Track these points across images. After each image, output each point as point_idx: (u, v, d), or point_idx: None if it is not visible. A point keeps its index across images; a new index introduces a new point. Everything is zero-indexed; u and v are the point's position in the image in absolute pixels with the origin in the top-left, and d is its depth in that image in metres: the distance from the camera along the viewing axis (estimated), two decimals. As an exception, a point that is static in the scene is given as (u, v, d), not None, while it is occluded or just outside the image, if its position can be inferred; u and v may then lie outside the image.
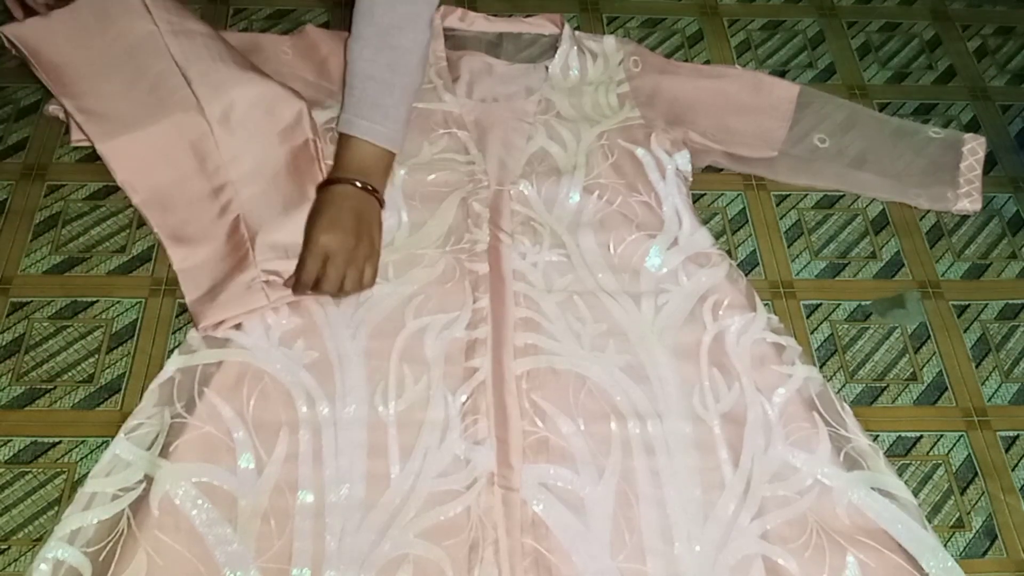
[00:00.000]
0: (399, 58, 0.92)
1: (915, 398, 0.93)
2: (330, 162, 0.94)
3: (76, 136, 0.99)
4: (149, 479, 0.77)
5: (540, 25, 1.13)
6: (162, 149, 0.93)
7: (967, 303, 1.00)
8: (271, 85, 0.97)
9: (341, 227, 0.87)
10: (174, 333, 0.91)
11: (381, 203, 0.92)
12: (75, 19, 0.99)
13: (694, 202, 1.04)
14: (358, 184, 0.89)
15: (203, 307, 0.87)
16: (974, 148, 1.09)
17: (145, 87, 0.96)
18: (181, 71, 0.95)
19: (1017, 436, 0.91)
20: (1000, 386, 0.94)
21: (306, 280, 0.86)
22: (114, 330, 0.91)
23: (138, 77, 0.97)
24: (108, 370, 0.88)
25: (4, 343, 0.89)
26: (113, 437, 0.80)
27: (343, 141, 0.91)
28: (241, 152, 0.94)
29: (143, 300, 0.93)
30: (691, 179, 1.04)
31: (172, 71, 0.96)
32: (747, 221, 1.05)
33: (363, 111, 0.90)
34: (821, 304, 0.99)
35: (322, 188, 0.90)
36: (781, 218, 1.05)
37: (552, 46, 1.11)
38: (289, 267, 0.88)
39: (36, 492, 0.81)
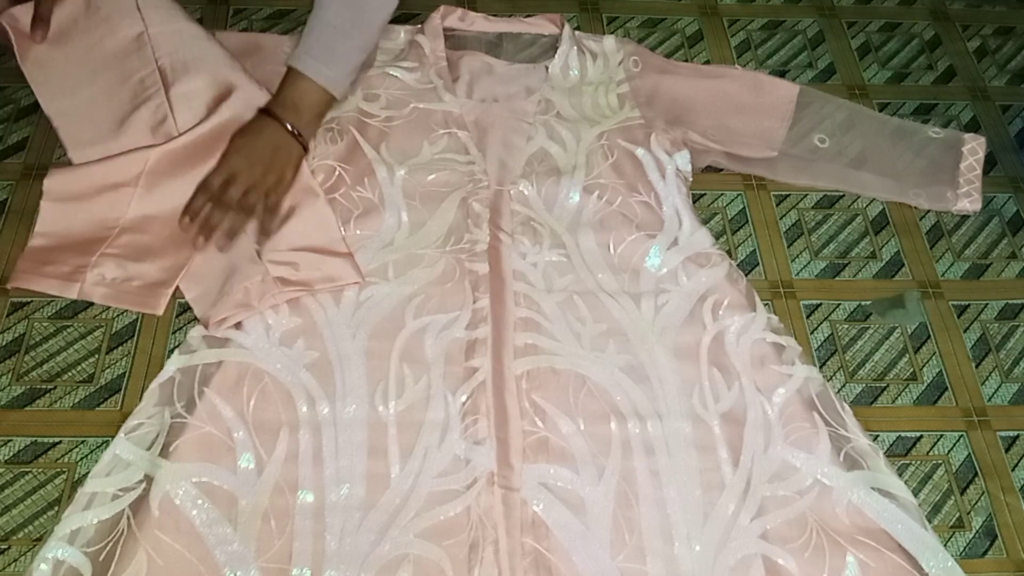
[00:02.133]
0: (363, 15, 0.93)
1: (915, 398, 0.93)
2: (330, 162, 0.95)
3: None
4: (149, 479, 0.77)
5: (540, 25, 1.13)
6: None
7: (967, 303, 1.00)
8: (260, 95, 0.96)
9: (256, 155, 0.89)
10: (174, 333, 0.91)
11: (305, 149, 0.93)
12: (65, 11, 0.98)
13: (694, 202, 1.04)
14: (288, 127, 0.91)
15: (208, 304, 0.87)
16: (974, 148, 1.09)
17: (126, 96, 0.96)
18: (164, 84, 0.95)
19: (1017, 436, 0.91)
20: (1000, 386, 0.94)
21: (206, 189, 0.88)
22: (114, 330, 0.91)
23: (121, 83, 0.96)
24: (108, 370, 0.88)
25: (4, 343, 0.89)
26: (113, 437, 0.80)
27: (289, 75, 0.92)
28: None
29: (143, 300, 0.93)
30: (691, 179, 1.04)
31: (152, 79, 0.96)
32: (747, 221, 1.05)
33: (316, 51, 0.92)
34: (821, 304, 0.99)
35: (257, 116, 0.92)
36: (781, 218, 1.05)
37: (552, 46, 1.11)
38: (300, 265, 0.89)
39: (36, 492, 0.81)
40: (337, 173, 0.97)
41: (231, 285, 0.87)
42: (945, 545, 0.80)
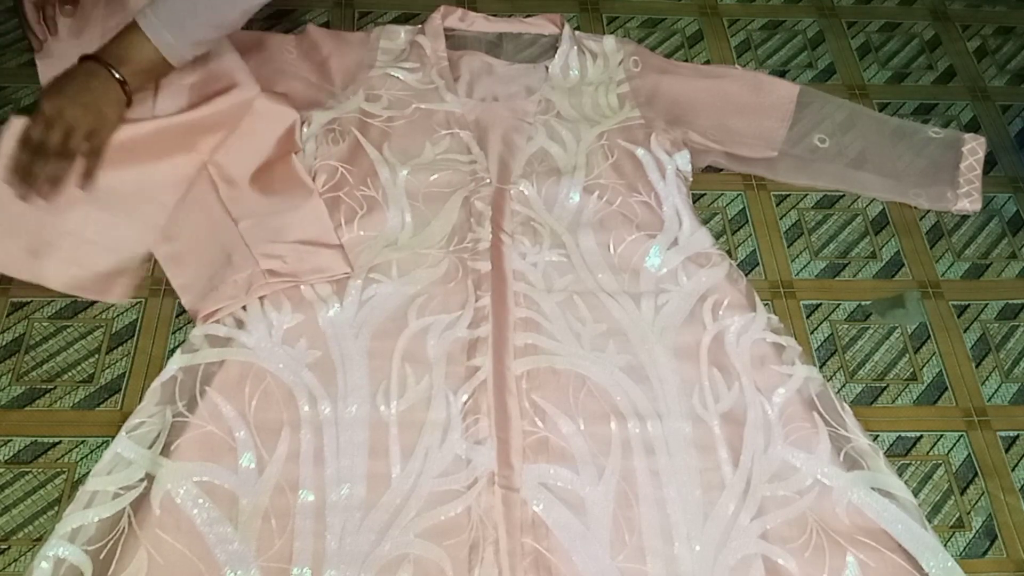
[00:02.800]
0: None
1: (915, 398, 0.93)
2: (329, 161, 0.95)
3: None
4: (150, 478, 0.77)
5: (540, 25, 1.13)
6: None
7: (967, 303, 1.00)
8: (263, 98, 0.96)
9: (68, 96, 0.84)
10: (174, 333, 0.91)
11: (128, 97, 0.88)
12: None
13: (694, 202, 1.04)
14: (112, 72, 0.86)
15: (196, 295, 0.88)
16: (974, 148, 1.09)
17: None
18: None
19: (1017, 436, 0.91)
20: (1000, 386, 0.94)
21: (28, 140, 0.84)
22: (114, 330, 0.91)
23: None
24: (108, 370, 0.88)
25: (4, 343, 0.89)
26: (113, 437, 0.80)
27: (129, 28, 0.88)
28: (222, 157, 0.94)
29: (143, 300, 0.93)
30: (691, 179, 1.04)
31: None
32: (747, 221, 1.05)
33: (163, 15, 0.87)
34: (821, 304, 0.99)
35: (80, 61, 0.88)
36: (781, 218, 1.05)
37: (552, 46, 1.11)
38: (289, 257, 0.89)
39: (36, 492, 0.81)
40: (340, 173, 0.97)
41: (220, 277, 0.88)
42: (945, 545, 0.81)
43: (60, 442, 0.84)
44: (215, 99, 0.95)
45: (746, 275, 0.97)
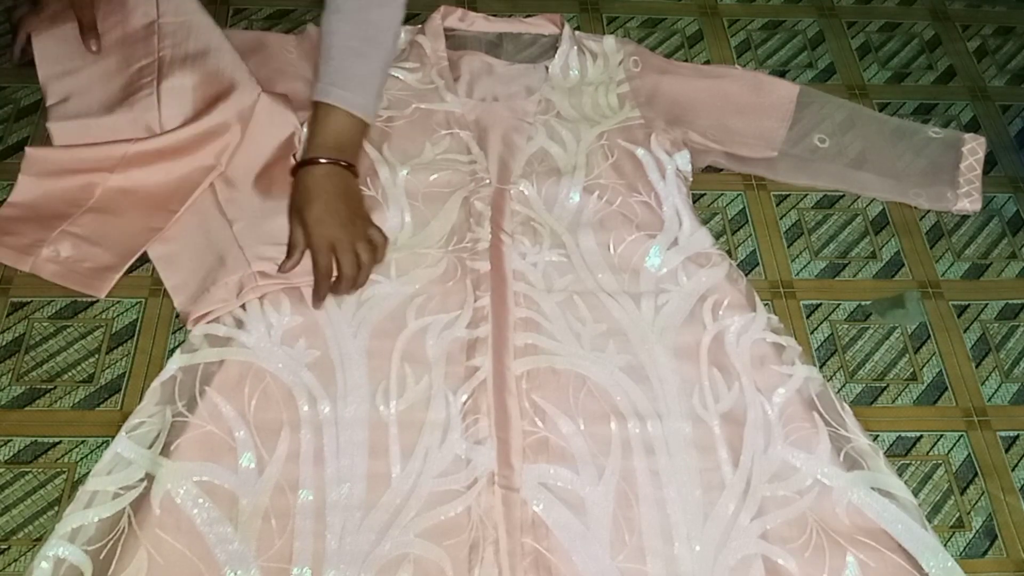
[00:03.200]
0: (376, 33, 0.92)
1: (915, 398, 0.93)
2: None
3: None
4: (150, 478, 0.77)
5: (540, 25, 1.13)
6: (114, 135, 0.93)
7: (967, 303, 1.00)
8: (264, 100, 0.97)
9: (337, 214, 0.87)
10: (174, 333, 0.91)
11: (356, 175, 0.92)
12: None
13: (694, 202, 1.04)
14: (343, 164, 0.90)
15: (188, 297, 0.88)
16: (974, 148, 1.09)
17: (121, 82, 0.96)
18: (159, 76, 0.95)
19: (1017, 436, 0.91)
20: (1000, 386, 0.94)
21: (323, 275, 0.86)
22: (114, 330, 0.91)
23: (120, 69, 0.97)
24: (108, 370, 0.88)
25: (4, 343, 0.89)
26: (113, 437, 0.80)
27: (319, 112, 0.91)
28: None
29: (143, 300, 0.93)
30: (691, 179, 1.04)
31: (151, 70, 0.96)
32: (747, 221, 1.05)
33: (340, 80, 0.90)
34: (821, 304, 0.99)
35: (301, 169, 0.90)
36: (781, 218, 1.05)
37: (552, 46, 1.11)
38: (279, 255, 0.89)
39: (36, 492, 0.81)
40: None
41: (212, 279, 0.88)
42: (945, 545, 0.81)
43: (60, 442, 0.84)
44: (219, 105, 0.95)
45: (746, 275, 0.97)
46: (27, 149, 0.92)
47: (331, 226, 0.86)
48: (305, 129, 0.96)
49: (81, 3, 0.97)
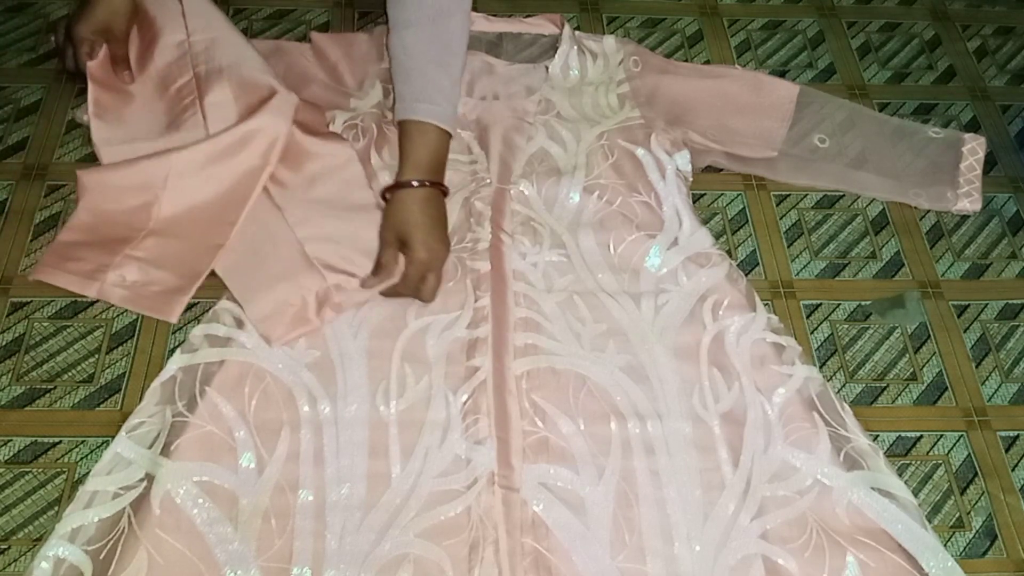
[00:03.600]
0: (451, 41, 0.93)
1: (915, 398, 0.93)
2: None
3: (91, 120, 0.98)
4: (150, 478, 0.77)
5: (540, 25, 1.13)
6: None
7: (967, 303, 1.00)
8: (291, 102, 0.96)
9: (439, 239, 0.89)
10: (174, 333, 0.91)
11: (447, 194, 0.94)
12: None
13: (694, 202, 1.04)
14: (443, 189, 0.92)
15: (272, 323, 0.86)
16: (974, 148, 1.09)
17: (164, 104, 0.96)
18: (199, 93, 0.95)
19: (1017, 436, 0.91)
20: (1000, 386, 0.94)
21: (410, 294, 0.88)
22: (114, 330, 0.91)
23: (160, 92, 0.97)
24: (108, 370, 0.88)
25: (4, 343, 0.89)
26: (113, 437, 0.80)
27: (409, 129, 0.91)
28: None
29: (143, 300, 0.93)
30: (691, 179, 1.04)
31: (190, 89, 0.96)
32: (747, 221, 1.05)
33: (425, 95, 0.91)
34: (821, 304, 0.99)
35: (400, 191, 0.90)
36: (781, 218, 1.05)
37: (552, 46, 1.11)
38: (355, 270, 0.89)
39: (36, 492, 0.81)
40: None
41: (286, 293, 0.87)
42: (945, 545, 0.80)
43: (60, 442, 0.84)
44: (263, 108, 0.94)
45: (746, 275, 0.97)
46: (78, 173, 0.92)
47: (430, 252, 0.88)
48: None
49: (115, 38, 0.98)
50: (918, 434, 0.90)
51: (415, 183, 0.90)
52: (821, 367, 0.93)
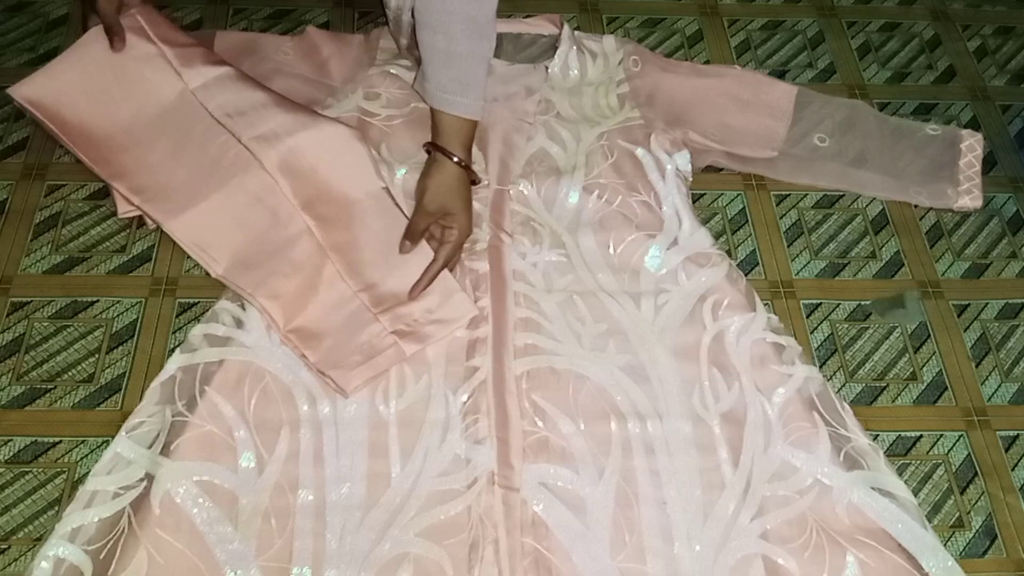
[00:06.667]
0: (484, 24, 0.91)
1: (915, 398, 0.93)
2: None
3: (123, 208, 0.94)
4: (150, 477, 0.77)
5: (540, 25, 1.13)
6: (232, 213, 0.90)
7: (967, 303, 1.00)
8: (322, 124, 0.94)
9: (471, 217, 0.93)
10: (174, 333, 0.91)
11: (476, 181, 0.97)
12: (90, 79, 0.93)
13: (694, 202, 1.04)
14: (475, 177, 0.95)
15: (343, 372, 0.84)
16: (972, 145, 1.09)
17: (193, 151, 0.93)
18: (225, 128, 0.93)
19: (1017, 436, 0.91)
20: (1000, 386, 0.94)
21: (446, 263, 0.90)
22: (114, 330, 0.91)
23: (183, 142, 0.93)
24: (108, 370, 0.88)
25: (4, 343, 0.89)
26: (113, 437, 0.80)
27: (444, 118, 0.92)
28: (313, 197, 0.91)
29: (143, 300, 0.93)
30: (691, 179, 1.04)
31: (216, 130, 0.93)
32: (747, 221, 1.05)
33: (445, 86, 0.90)
34: (821, 304, 0.99)
35: (445, 159, 0.91)
36: (781, 218, 1.05)
37: (552, 46, 1.11)
38: (412, 315, 0.88)
39: (36, 492, 0.81)
40: None
41: (353, 340, 0.86)
42: (945, 545, 0.81)
43: (60, 442, 0.84)
44: (305, 130, 0.93)
45: (746, 275, 0.97)
46: (261, 301, 0.87)
47: (470, 226, 0.92)
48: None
49: (106, 10, 0.93)
50: (918, 434, 0.90)
51: (455, 159, 0.91)
52: (821, 367, 0.93)
